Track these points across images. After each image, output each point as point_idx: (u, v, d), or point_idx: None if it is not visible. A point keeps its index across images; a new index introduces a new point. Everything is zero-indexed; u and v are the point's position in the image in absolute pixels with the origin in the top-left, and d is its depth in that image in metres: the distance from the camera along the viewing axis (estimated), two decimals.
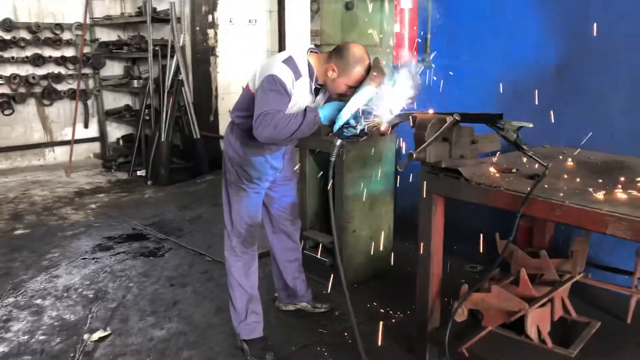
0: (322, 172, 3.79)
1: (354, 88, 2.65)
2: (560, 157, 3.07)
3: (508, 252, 3.08)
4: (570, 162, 2.93)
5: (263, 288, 3.52)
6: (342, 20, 3.65)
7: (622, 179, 2.55)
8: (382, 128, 2.66)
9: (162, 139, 6.53)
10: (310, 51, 2.79)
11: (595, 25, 3.39)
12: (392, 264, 4.03)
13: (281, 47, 7.49)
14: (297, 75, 2.66)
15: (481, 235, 2.99)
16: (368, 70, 2.65)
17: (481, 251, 3.02)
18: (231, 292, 3.06)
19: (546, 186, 2.44)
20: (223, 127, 7.30)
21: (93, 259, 4.32)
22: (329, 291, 3.46)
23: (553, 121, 3.64)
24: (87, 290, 3.77)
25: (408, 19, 4.17)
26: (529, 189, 2.33)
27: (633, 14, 3.26)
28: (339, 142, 2.65)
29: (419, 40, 4.25)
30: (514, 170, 2.72)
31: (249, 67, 7.42)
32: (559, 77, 3.61)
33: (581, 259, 2.92)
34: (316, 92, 2.81)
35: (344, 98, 2.69)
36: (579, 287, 3.22)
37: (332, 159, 2.68)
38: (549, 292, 2.71)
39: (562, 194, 2.34)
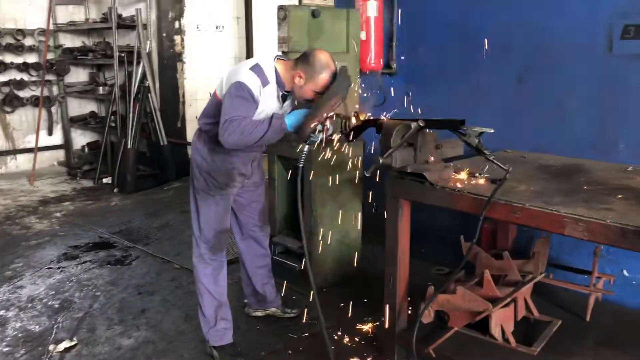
0: (290, 177, 3.81)
1: (321, 94, 2.69)
2: (522, 161, 3.17)
3: (473, 254, 3.16)
4: (530, 166, 3.03)
5: (233, 294, 3.53)
6: (309, 28, 3.68)
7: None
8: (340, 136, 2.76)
9: (129, 146, 6.46)
10: (277, 58, 2.82)
11: (552, 34, 3.53)
12: (361, 267, 4.10)
13: (249, 53, 7.50)
14: (265, 82, 2.69)
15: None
16: (334, 76, 2.69)
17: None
18: (200, 299, 3.05)
19: (508, 190, 2.51)
20: (190, 133, 7.26)
21: (58, 268, 4.25)
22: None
23: (514, 126, 3.77)
24: (52, 300, 3.71)
25: (374, 27, 4.25)
26: (491, 192, 2.40)
27: (586, 24, 3.38)
28: (306, 148, 2.69)
29: (385, 48, 4.34)
30: (477, 175, 2.79)
31: (216, 74, 7.42)
32: (519, 83, 3.72)
33: (542, 259, 3.01)
34: (283, 98, 2.84)
35: (311, 104, 2.73)
36: (541, 287, 3.31)
37: (300, 165, 2.70)
38: (511, 293, 2.79)
39: (522, 197, 2.42)
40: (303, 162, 2.70)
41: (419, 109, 4.22)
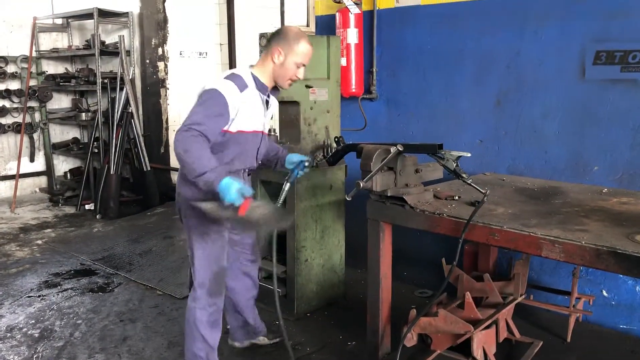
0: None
1: (304, 65, 2.76)
2: (500, 184, 3.23)
3: (454, 277, 3.19)
4: (508, 189, 3.08)
5: None
6: None
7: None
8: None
9: (112, 172, 6.45)
10: (251, 66, 2.81)
11: (527, 59, 3.63)
12: (344, 291, 4.11)
13: None
14: (242, 86, 2.62)
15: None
16: (309, 43, 2.75)
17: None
18: (191, 341, 2.86)
19: (486, 212, 2.56)
20: (173, 159, 7.27)
21: (39, 296, 4.20)
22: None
23: (493, 149, 3.84)
24: (32, 329, 3.66)
25: (354, 53, 4.32)
26: (469, 215, 2.45)
27: (559, 50, 3.48)
28: (287, 185, 2.88)
29: (366, 73, 4.41)
30: (456, 198, 2.83)
31: None
32: (498, 107, 3.80)
33: (522, 281, 3.04)
34: (267, 104, 2.84)
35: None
36: (522, 308, 3.35)
37: (279, 203, 2.84)
38: (492, 314, 2.82)
39: (500, 219, 2.47)
40: (283, 201, 2.88)
41: (400, 133, 4.30)
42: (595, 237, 2.19)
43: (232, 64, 7.55)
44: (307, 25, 8.90)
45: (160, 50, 7.04)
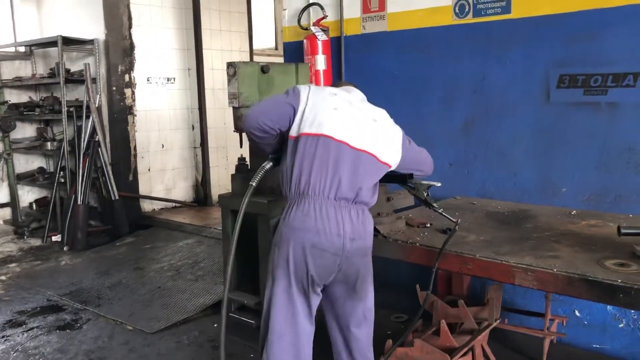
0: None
1: None
2: (471, 208, 3.24)
3: (429, 303, 3.17)
4: (479, 213, 3.10)
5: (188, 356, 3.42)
6: (258, 83, 3.72)
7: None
8: None
9: (79, 202, 6.30)
10: None
11: (493, 83, 3.68)
12: (317, 319, 4.05)
13: (201, 104, 7.51)
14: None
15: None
16: None
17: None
18: None
19: (458, 240, 2.56)
20: (143, 186, 7.17)
21: (2, 337, 4.04)
22: None
23: (462, 173, 3.87)
24: None
25: (323, 79, 4.33)
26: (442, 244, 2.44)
27: (524, 74, 3.55)
28: (268, 165, 2.63)
29: None
30: (428, 225, 2.84)
31: (168, 125, 7.40)
32: (465, 131, 3.84)
33: (497, 305, 3.05)
34: None
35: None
36: (497, 332, 3.35)
37: (253, 184, 2.63)
38: (468, 342, 2.81)
39: (472, 248, 2.47)
40: (257, 182, 2.63)
41: None
42: (566, 264, 2.20)
43: (200, 88, 7.51)
44: (276, 49, 8.96)
45: (127, 77, 6.95)
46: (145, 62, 7.10)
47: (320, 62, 4.32)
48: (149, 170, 7.29)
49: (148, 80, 7.18)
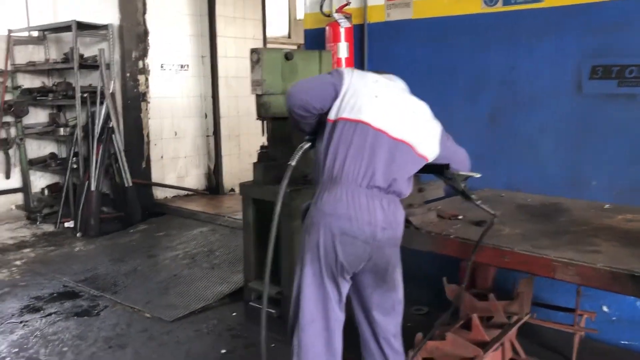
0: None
1: None
2: (500, 200, 3.18)
3: (455, 295, 3.12)
4: (509, 206, 3.04)
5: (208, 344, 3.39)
6: (282, 70, 3.66)
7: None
8: None
9: (92, 188, 6.26)
10: None
11: (522, 74, 3.61)
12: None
13: (214, 92, 7.45)
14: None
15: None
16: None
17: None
18: None
19: (493, 233, 2.50)
20: (156, 174, 7.12)
21: (21, 322, 4.02)
22: None
23: (487, 164, 3.79)
24: (16, 358, 3.49)
25: (345, 67, 4.26)
26: (478, 236, 2.38)
27: (554, 65, 3.47)
28: (307, 145, 2.55)
29: None
30: (460, 217, 2.78)
31: (182, 113, 7.35)
32: (492, 122, 3.77)
33: (527, 299, 2.99)
34: None
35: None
36: (524, 327, 3.29)
37: (292, 163, 2.52)
38: (500, 336, 2.75)
39: (509, 241, 2.41)
40: (296, 161, 2.53)
41: None
42: (609, 259, 2.14)
43: (214, 76, 7.45)
44: (289, 37, 8.88)
45: (140, 64, 6.88)
46: (159, 48, 7.03)
47: (343, 49, 4.25)
48: (161, 157, 7.24)
49: (162, 67, 7.12)
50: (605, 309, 3.43)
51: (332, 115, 2.32)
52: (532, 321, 3.18)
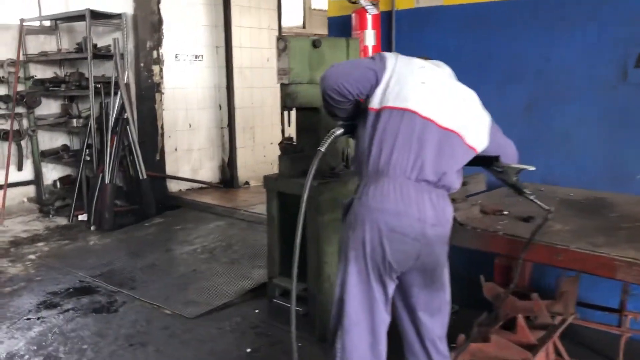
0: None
1: None
2: (541, 195, 3.03)
3: (494, 295, 2.98)
4: (552, 201, 2.89)
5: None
6: (309, 58, 3.52)
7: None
8: None
9: (107, 181, 6.15)
10: None
11: (560, 62, 3.45)
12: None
13: (229, 83, 7.32)
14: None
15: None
16: None
17: None
18: None
19: (543, 229, 2.35)
20: (170, 166, 7.00)
21: (38, 318, 3.90)
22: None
23: (523, 157, 3.64)
24: (34, 356, 3.38)
25: None
26: (528, 233, 2.24)
27: (596, 52, 3.31)
28: (339, 131, 2.40)
29: None
30: (505, 212, 2.64)
31: (196, 104, 7.21)
32: (527, 113, 3.61)
33: (571, 299, 2.85)
34: None
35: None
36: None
37: (322, 149, 2.38)
38: (546, 338, 2.61)
39: (562, 238, 2.27)
40: (326, 147, 2.39)
41: None
42: None
43: (229, 67, 7.31)
44: (304, 27, 8.72)
45: (154, 54, 6.74)
46: (174, 38, 6.89)
47: (370, 37, 4.09)
48: (175, 150, 7.12)
49: (176, 57, 6.99)
50: None
51: (374, 104, 2.18)
52: (576, 322, 3.04)
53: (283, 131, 5.21)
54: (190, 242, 5.44)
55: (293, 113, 3.71)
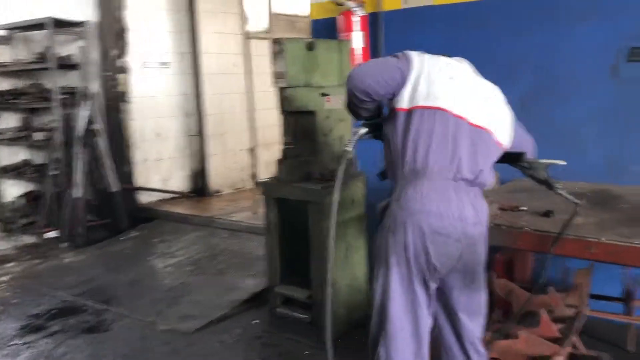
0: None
1: None
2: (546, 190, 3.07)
3: (507, 291, 3.00)
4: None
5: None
6: (304, 61, 3.46)
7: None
8: None
9: (77, 195, 5.89)
10: None
11: (556, 59, 3.52)
12: (368, 312, 3.84)
13: (198, 89, 7.16)
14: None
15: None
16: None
17: None
18: None
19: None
20: (139, 177, 6.79)
21: (24, 344, 3.68)
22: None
23: None
24: None
25: (362, 58, 4.09)
26: (553, 228, 2.26)
27: (592, 47, 3.39)
28: (363, 130, 2.35)
29: None
30: (523, 208, 2.65)
31: (164, 113, 7.02)
32: (522, 111, 3.65)
33: (585, 291, 2.90)
34: None
35: None
36: None
37: (349, 149, 2.33)
38: (569, 330, 2.63)
39: (590, 231, 2.30)
40: (352, 147, 2.35)
41: None
42: None
43: (197, 73, 7.15)
44: (268, 32, 8.61)
45: (120, 62, 6.52)
46: (139, 46, 6.69)
47: (357, 39, 4.07)
48: (145, 160, 6.91)
49: (142, 65, 6.78)
50: None
51: (403, 104, 2.15)
52: (590, 313, 3.09)
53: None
54: (172, 254, 5.27)
55: (269, 117, 3.66)
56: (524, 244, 2.40)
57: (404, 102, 2.14)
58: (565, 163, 2.30)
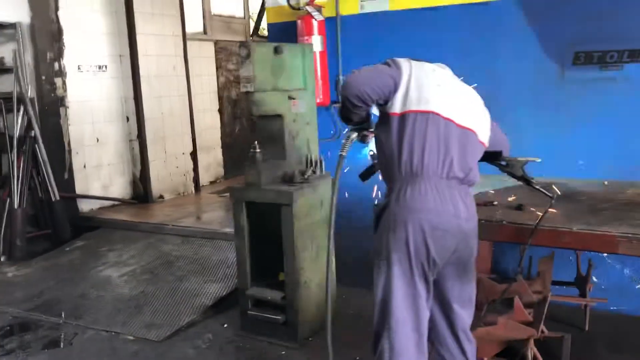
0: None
1: None
2: (509, 184, 3.29)
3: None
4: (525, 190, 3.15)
5: None
6: (271, 65, 3.50)
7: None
8: None
9: (16, 206, 5.61)
10: None
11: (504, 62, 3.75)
12: (339, 309, 3.94)
13: (136, 92, 6.98)
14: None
15: None
16: None
17: None
18: None
19: (537, 216, 2.57)
20: (79, 184, 6.53)
21: None
22: None
23: None
24: None
25: (319, 61, 4.18)
26: (530, 220, 2.44)
27: (537, 52, 3.65)
28: (354, 135, 2.46)
29: (332, 81, 4.29)
30: (495, 203, 2.83)
31: (103, 117, 6.79)
32: None
33: (548, 277, 3.12)
34: None
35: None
36: None
37: (343, 154, 2.41)
38: (540, 314, 2.84)
39: (561, 221, 2.50)
40: (347, 152, 2.42)
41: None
42: None
43: (135, 76, 6.97)
44: (205, 33, 8.54)
45: (56, 65, 6.25)
46: (75, 48, 6.43)
47: (317, 43, 4.15)
48: (84, 167, 6.66)
49: (79, 68, 6.52)
50: (594, 278, 3.66)
51: (396, 109, 2.25)
52: (552, 298, 3.33)
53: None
54: (124, 262, 5.14)
55: (208, 119, 3.67)
56: (502, 237, 2.58)
57: (397, 107, 2.25)
58: (540, 160, 2.47)
